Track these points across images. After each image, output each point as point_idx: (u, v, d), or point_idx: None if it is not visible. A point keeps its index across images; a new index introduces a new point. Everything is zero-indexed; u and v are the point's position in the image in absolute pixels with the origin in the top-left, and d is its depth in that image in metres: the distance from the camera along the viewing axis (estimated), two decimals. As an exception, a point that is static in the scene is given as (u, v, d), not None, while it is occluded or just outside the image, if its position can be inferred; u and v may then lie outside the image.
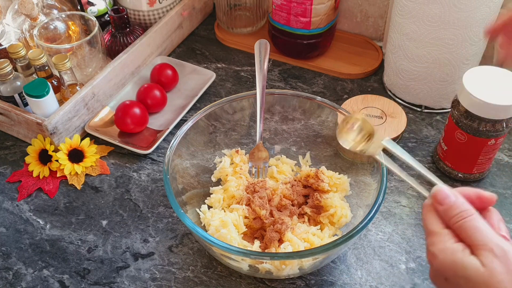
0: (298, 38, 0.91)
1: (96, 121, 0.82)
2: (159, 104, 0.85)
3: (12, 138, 0.83)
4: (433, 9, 0.71)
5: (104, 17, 0.96)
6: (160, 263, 0.66)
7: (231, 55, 0.98)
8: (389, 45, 0.83)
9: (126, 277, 0.65)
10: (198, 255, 0.67)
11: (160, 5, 0.96)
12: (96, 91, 0.82)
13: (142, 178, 0.77)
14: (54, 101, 0.77)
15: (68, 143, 0.77)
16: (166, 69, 0.88)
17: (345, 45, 0.97)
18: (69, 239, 0.69)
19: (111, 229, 0.70)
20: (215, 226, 0.62)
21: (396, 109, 0.75)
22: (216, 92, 0.91)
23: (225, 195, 0.68)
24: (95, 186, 0.76)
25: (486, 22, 0.73)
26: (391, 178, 0.75)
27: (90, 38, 0.81)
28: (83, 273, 0.65)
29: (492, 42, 0.79)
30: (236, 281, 0.64)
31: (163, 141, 0.81)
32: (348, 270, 0.64)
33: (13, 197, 0.75)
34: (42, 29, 0.82)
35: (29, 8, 0.79)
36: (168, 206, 0.73)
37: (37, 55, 0.76)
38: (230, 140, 0.74)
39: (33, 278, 0.65)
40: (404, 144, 0.79)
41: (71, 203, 0.74)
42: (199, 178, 0.71)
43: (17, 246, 0.69)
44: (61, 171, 0.76)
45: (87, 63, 0.85)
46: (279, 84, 0.91)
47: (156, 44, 0.93)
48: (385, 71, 0.88)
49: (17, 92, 0.78)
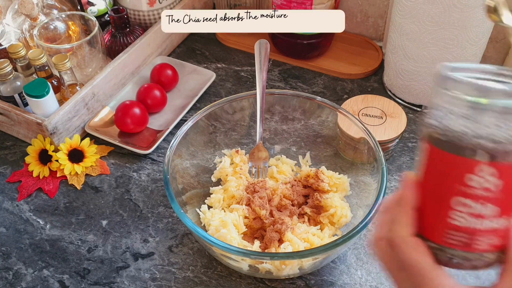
0: (298, 38, 0.91)
1: (96, 121, 0.82)
2: (159, 104, 0.85)
3: (12, 138, 0.83)
4: (433, 9, 0.71)
5: (104, 17, 0.96)
6: (160, 263, 0.66)
7: (231, 55, 0.98)
8: (389, 45, 0.83)
9: (126, 277, 0.65)
10: (198, 255, 0.67)
11: (160, 5, 0.96)
12: (96, 91, 0.82)
13: (142, 178, 0.77)
14: (54, 101, 0.77)
15: (68, 143, 0.77)
16: (166, 69, 0.88)
17: (345, 45, 0.97)
18: (69, 239, 0.69)
19: (111, 229, 0.70)
20: (215, 226, 0.62)
21: (396, 109, 0.75)
22: (216, 92, 0.91)
23: (225, 195, 0.68)
24: (95, 186, 0.76)
25: (486, 22, 0.73)
26: (391, 178, 0.75)
27: (90, 38, 0.81)
28: (83, 273, 0.65)
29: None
30: (236, 281, 0.64)
31: (163, 141, 0.81)
32: (348, 270, 0.64)
33: (13, 197, 0.75)
34: (42, 29, 0.82)
35: (29, 8, 0.79)
36: (168, 206, 0.73)
37: (37, 55, 0.76)
38: (230, 140, 0.74)
39: (33, 278, 0.65)
40: (404, 144, 0.79)
41: (71, 203, 0.74)
42: (199, 178, 0.70)
43: (17, 246, 0.69)
44: (61, 171, 0.76)
45: (87, 63, 0.85)
46: (279, 84, 0.91)
47: (156, 44, 0.93)
48: (385, 71, 0.88)
49: (17, 92, 0.78)
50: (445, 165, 0.35)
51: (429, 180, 0.36)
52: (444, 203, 0.35)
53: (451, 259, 0.36)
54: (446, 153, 0.34)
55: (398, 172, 0.75)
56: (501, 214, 0.34)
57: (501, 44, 0.87)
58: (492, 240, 0.35)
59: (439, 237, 0.36)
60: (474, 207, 0.34)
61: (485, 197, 0.33)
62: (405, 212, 0.38)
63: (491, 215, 0.34)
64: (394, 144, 0.74)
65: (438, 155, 0.35)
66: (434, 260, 0.37)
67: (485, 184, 0.33)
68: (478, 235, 0.35)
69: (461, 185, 0.34)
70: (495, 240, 0.35)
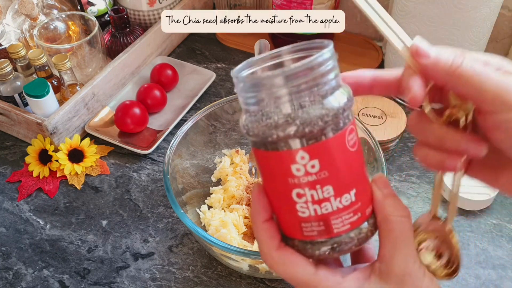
0: (298, 38, 0.91)
1: (96, 121, 0.82)
2: (159, 104, 0.85)
3: (12, 138, 0.83)
4: (433, 9, 0.71)
5: (104, 17, 0.96)
6: (160, 263, 0.66)
7: (231, 55, 0.98)
8: (389, 45, 0.83)
9: (126, 277, 0.65)
10: (198, 255, 0.67)
11: (160, 5, 0.96)
12: (96, 91, 0.82)
13: (142, 178, 0.77)
14: (54, 101, 0.76)
15: (68, 143, 0.77)
16: (166, 69, 0.88)
17: (345, 45, 0.97)
18: (69, 239, 0.69)
19: (111, 229, 0.70)
20: (215, 226, 0.62)
21: (396, 109, 0.75)
22: (216, 92, 0.91)
23: (225, 195, 0.68)
24: (95, 186, 0.76)
25: (486, 22, 0.73)
26: (391, 178, 0.75)
27: (90, 38, 0.81)
28: (83, 273, 0.65)
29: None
30: (236, 281, 0.64)
31: (163, 141, 0.81)
32: (348, 270, 0.64)
33: (13, 197, 0.75)
34: (42, 29, 0.82)
35: (29, 8, 0.79)
36: (168, 206, 0.73)
37: (37, 55, 0.76)
38: (230, 140, 0.74)
39: (33, 278, 0.65)
40: (404, 144, 0.79)
41: (71, 203, 0.74)
42: (199, 178, 0.70)
43: (17, 246, 0.69)
44: (61, 171, 0.76)
45: (87, 63, 0.85)
46: (279, 84, 0.91)
47: (156, 44, 0.93)
48: (385, 71, 0.88)
49: (17, 92, 0.78)
50: (271, 163, 0.34)
51: (268, 182, 0.36)
52: (287, 199, 0.34)
53: (319, 249, 0.35)
54: (265, 151, 0.34)
55: (398, 172, 0.75)
56: (341, 191, 0.33)
57: (501, 44, 0.87)
58: (352, 217, 0.34)
59: (299, 233, 0.35)
60: (312, 193, 0.33)
61: (315, 181, 0.33)
62: (258, 228, 0.36)
63: (332, 195, 0.33)
64: (394, 144, 0.74)
65: (262, 156, 0.35)
66: (307, 256, 0.35)
67: (310, 170, 0.32)
68: (331, 218, 0.34)
69: (291, 178, 0.33)
70: (354, 217, 0.34)
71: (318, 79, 0.32)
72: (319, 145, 0.32)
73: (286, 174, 0.33)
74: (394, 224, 0.34)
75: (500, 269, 0.64)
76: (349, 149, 0.33)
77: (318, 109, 0.32)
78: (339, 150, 0.33)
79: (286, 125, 0.32)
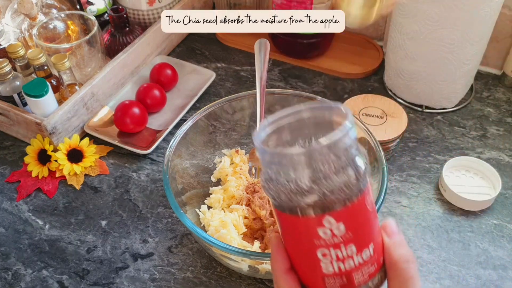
0: (298, 37, 0.91)
1: (95, 121, 0.82)
2: (158, 104, 0.85)
3: (11, 138, 0.83)
4: (433, 8, 0.71)
5: (103, 16, 0.96)
6: (159, 263, 0.66)
7: (231, 55, 0.98)
8: (390, 45, 0.83)
9: (126, 277, 0.64)
10: (198, 255, 0.67)
11: (159, 4, 0.96)
12: (95, 91, 0.81)
13: (141, 178, 0.76)
14: (53, 101, 0.76)
15: (67, 143, 0.77)
16: (166, 69, 0.88)
17: (345, 45, 0.97)
18: (68, 240, 0.69)
19: (111, 229, 0.70)
20: (214, 227, 0.62)
21: (397, 109, 0.75)
22: (216, 92, 0.90)
23: (225, 195, 0.68)
24: (94, 186, 0.76)
25: (486, 22, 0.73)
26: (392, 178, 0.74)
27: (89, 38, 0.81)
28: (82, 274, 0.65)
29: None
30: (236, 282, 0.64)
31: (162, 141, 0.81)
32: (349, 270, 0.64)
33: (12, 197, 0.75)
34: (41, 28, 0.82)
35: (28, 7, 0.79)
36: (168, 207, 0.72)
37: (36, 54, 0.75)
38: (230, 140, 0.74)
39: (32, 279, 0.65)
40: (404, 144, 0.79)
41: (70, 203, 0.74)
42: (199, 178, 0.70)
43: (16, 247, 0.68)
44: (60, 171, 0.76)
45: (86, 63, 0.85)
46: (279, 84, 0.91)
47: (156, 43, 0.93)
48: (386, 70, 0.88)
49: (16, 92, 0.78)
50: (296, 225, 0.36)
51: (290, 240, 0.38)
52: (311, 257, 0.36)
53: None
54: (290, 215, 0.36)
55: (399, 172, 0.75)
56: (362, 248, 0.36)
57: (501, 44, 0.87)
58: (369, 269, 0.37)
59: (321, 287, 0.37)
60: (337, 253, 0.35)
61: (341, 242, 0.35)
62: (281, 278, 0.38)
63: (355, 252, 0.36)
64: (395, 144, 0.74)
65: (286, 219, 0.36)
66: None
67: (336, 232, 0.35)
68: (353, 273, 0.36)
69: (316, 239, 0.35)
70: (372, 268, 0.37)
71: (341, 153, 0.33)
72: (344, 210, 0.34)
73: (312, 236, 0.35)
74: (400, 271, 0.37)
75: (501, 269, 0.63)
76: (369, 209, 0.36)
77: (342, 177, 0.33)
78: (361, 212, 0.35)
79: (313, 193, 0.33)
